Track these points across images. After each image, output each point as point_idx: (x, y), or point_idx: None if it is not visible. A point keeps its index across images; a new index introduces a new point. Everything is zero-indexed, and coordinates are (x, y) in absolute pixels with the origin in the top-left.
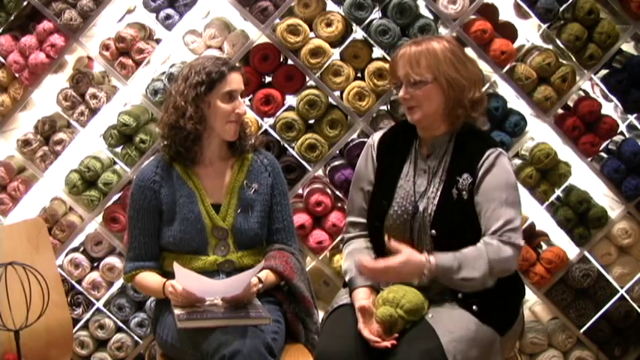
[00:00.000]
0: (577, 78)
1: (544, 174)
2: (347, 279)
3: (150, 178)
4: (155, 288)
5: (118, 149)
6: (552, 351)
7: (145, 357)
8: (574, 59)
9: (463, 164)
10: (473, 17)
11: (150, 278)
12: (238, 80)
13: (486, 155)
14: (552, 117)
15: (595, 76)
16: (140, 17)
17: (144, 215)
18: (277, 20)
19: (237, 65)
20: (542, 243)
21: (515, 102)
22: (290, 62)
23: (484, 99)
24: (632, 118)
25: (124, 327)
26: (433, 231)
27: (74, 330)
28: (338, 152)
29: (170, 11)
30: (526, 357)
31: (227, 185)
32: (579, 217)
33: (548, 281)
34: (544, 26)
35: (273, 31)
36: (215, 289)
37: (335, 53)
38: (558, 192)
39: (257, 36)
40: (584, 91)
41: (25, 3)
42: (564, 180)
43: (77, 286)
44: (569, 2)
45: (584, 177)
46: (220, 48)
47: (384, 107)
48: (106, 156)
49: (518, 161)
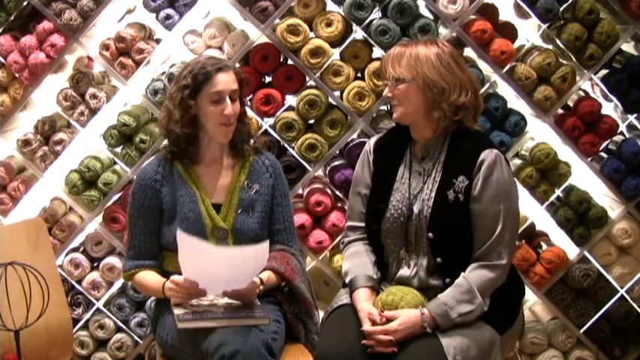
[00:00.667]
0: (577, 78)
1: (544, 174)
2: (347, 280)
3: (151, 177)
4: (155, 287)
5: (118, 149)
6: (552, 351)
7: (145, 357)
8: (574, 59)
9: (458, 166)
10: (473, 17)
11: (149, 277)
12: (226, 81)
13: (482, 157)
14: (552, 117)
15: (595, 76)
16: (140, 17)
17: (144, 214)
18: (277, 20)
19: (227, 65)
20: (542, 243)
21: (515, 102)
22: (290, 62)
23: (476, 105)
24: (632, 118)
25: (124, 327)
26: (430, 234)
27: (74, 330)
28: (338, 152)
29: (170, 11)
30: (526, 357)
31: (228, 185)
32: (579, 217)
33: (548, 281)
34: (544, 26)
35: (273, 31)
36: (218, 266)
37: (335, 53)
38: (558, 192)
39: (257, 36)
40: (584, 91)
41: (25, 3)
42: (564, 180)
43: (77, 286)
44: (569, 2)
45: (584, 177)
46: (220, 48)
47: (384, 107)
48: (106, 156)
49: (518, 161)
